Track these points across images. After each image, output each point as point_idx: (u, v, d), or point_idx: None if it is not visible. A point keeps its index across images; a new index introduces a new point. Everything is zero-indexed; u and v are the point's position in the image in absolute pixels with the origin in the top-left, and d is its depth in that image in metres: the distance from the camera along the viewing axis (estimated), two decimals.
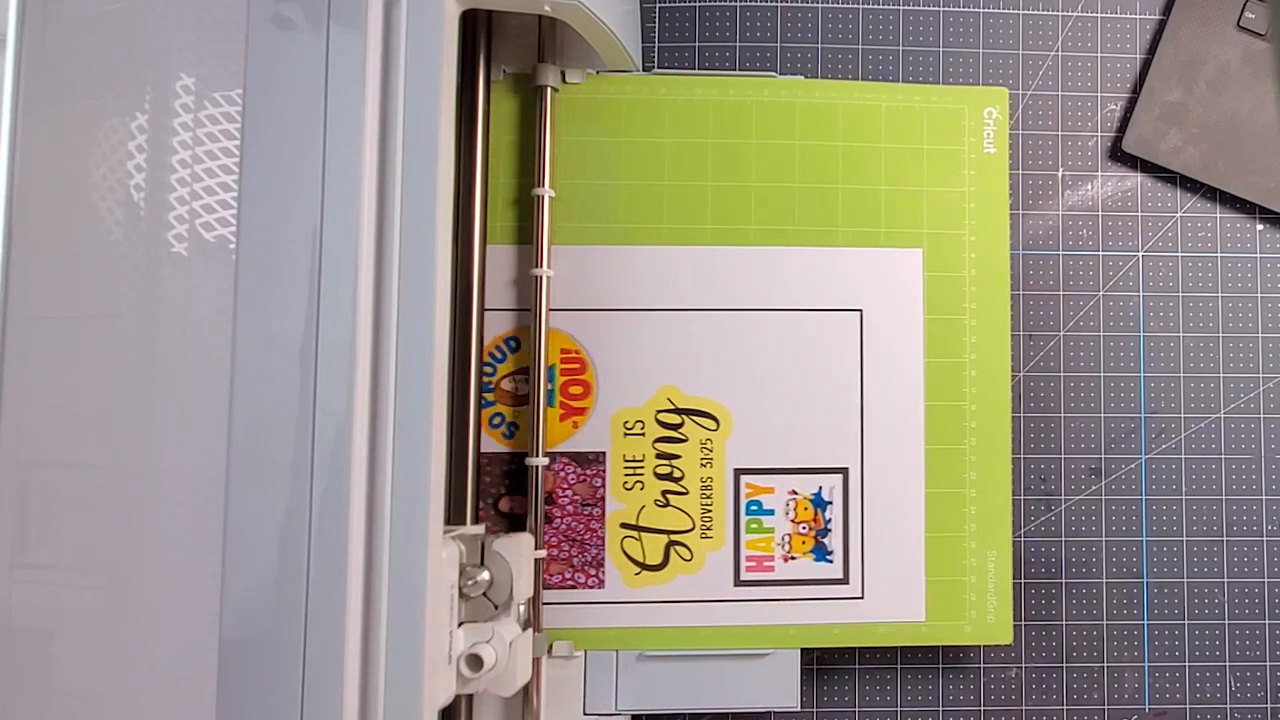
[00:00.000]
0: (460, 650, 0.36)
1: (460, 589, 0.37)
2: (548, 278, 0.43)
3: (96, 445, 0.33)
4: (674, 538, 0.43)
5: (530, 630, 0.40)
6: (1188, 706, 0.47)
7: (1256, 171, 0.48)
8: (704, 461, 0.44)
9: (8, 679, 0.32)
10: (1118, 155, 0.49)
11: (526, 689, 0.41)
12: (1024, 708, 0.47)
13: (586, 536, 0.43)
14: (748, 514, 0.44)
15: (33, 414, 0.33)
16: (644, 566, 0.43)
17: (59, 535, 0.33)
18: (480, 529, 0.41)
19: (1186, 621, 0.48)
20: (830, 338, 0.44)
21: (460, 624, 0.37)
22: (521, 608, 0.40)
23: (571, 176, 0.44)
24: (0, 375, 0.32)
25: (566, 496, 0.43)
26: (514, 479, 0.43)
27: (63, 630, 0.33)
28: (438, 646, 0.34)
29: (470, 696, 0.39)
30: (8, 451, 0.33)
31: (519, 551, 0.38)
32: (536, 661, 0.41)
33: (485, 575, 0.38)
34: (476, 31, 0.42)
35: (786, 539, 0.44)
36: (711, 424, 0.44)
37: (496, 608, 0.38)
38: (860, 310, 0.44)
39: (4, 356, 0.32)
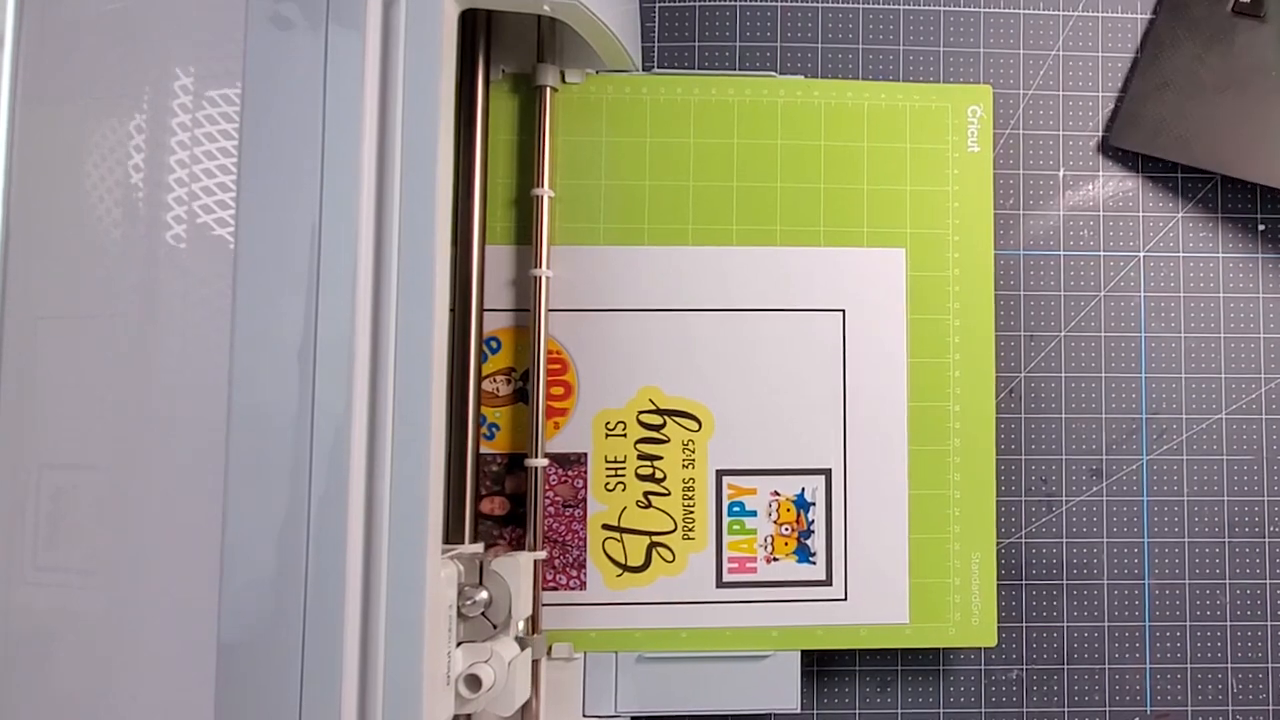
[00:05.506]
0: (459, 670, 0.36)
1: (458, 609, 0.36)
2: (547, 278, 0.43)
3: (95, 445, 0.33)
4: (656, 539, 0.43)
5: (529, 650, 0.40)
6: (1189, 708, 0.47)
7: (1256, 156, 0.47)
8: (686, 462, 0.43)
9: (7, 679, 0.32)
10: (1119, 155, 0.49)
11: None
12: (1025, 709, 0.47)
13: (568, 538, 0.43)
14: (730, 515, 0.43)
15: (31, 414, 0.33)
16: (626, 568, 0.43)
17: (57, 535, 0.33)
18: (479, 548, 0.40)
19: (1188, 623, 0.47)
20: (813, 338, 0.44)
21: (459, 644, 0.36)
22: (521, 622, 0.40)
23: (570, 177, 0.44)
24: None
25: (548, 498, 0.43)
26: (495, 479, 0.43)
27: (61, 630, 0.33)
28: (436, 667, 0.34)
29: (469, 716, 0.39)
30: (6, 452, 0.32)
31: (517, 571, 0.38)
32: (536, 663, 0.41)
33: (484, 595, 0.37)
34: (476, 31, 0.42)
35: (769, 540, 0.43)
36: (693, 425, 0.44)
37: (495, 627, 0.37)
38: (843, 310, 0.44)
39: (3, 356, 0.32)
